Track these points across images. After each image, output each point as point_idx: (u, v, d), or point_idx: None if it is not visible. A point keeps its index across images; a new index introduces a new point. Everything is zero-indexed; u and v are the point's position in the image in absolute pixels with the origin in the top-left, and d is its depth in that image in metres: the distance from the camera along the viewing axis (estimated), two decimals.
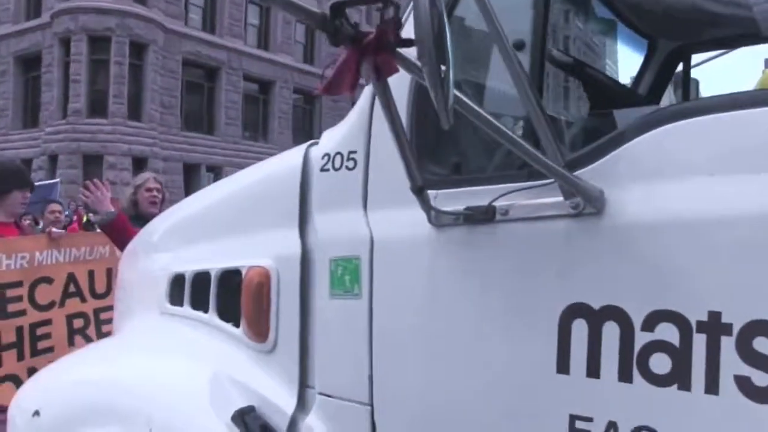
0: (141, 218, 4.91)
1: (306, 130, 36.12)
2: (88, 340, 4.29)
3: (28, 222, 9.83)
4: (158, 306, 2.26)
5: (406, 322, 1.62)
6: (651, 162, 1.40)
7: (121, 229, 3.93)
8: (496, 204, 1.51)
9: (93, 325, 4.36)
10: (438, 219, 1.56)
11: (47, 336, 4.11)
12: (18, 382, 3.87)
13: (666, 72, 3.16)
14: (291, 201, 1.85)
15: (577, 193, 1.41)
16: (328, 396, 1.73)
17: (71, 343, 4.22)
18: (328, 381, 1.75)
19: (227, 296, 1.99)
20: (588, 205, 1.41)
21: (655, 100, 3.19)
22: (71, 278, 4.29)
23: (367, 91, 1.74)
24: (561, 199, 1.45)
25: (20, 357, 3.96)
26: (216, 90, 31.65)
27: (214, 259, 2.04)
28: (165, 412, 1.82)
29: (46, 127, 28.40)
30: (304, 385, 1.80)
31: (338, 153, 1.77)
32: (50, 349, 4.10)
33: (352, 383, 1.69)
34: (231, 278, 1.97)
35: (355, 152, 1.73)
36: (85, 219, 15.47)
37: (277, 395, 1.80)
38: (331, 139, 1.84)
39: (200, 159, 30.38)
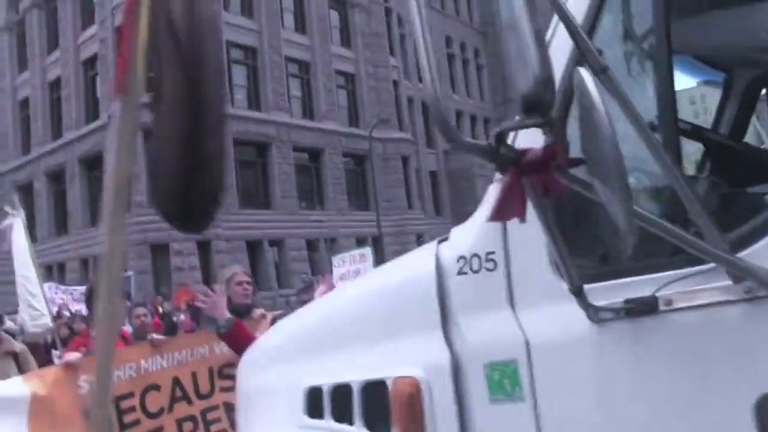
0: (235, 312, 4.98)
1: (360, 192, 36.53)
2: None
3: None
4: (293, 420, 2.24)
5: (577, 424, 1.56)
6: None
7: (240, 334, 3.97)
8: (658, 294, 1.46)
9: (202, 426, 4.39)
10: (597, 315, 1.51)
11: None
12: None
13: (748, 102, 3.09)
14: (429, 307, 1.82)
15: (748, 277, 1.36)
16: None
17: None
18: None
19: (373, 408, 1.96)
20: (761, 287, 1.35)
21: (741, 133, 3.11)
22: (176, 382, 4.34)
23: (492, 191, 1.73)
24: (729, 283, 1.39)
25: None
26: (268, 165, 32.39)
27: (350, 370, 2.02)
28: None
29: None
30: None
31: (474, 255, 1.75)
32: None
33: None
34: (375, 389, 1.94)
35: (492, 253, 1.71)
36: (161, 310, 15.85)
37: None
38: (464, 241, 1.82)
39: (261, 235, 30.90)
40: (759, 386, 1.34)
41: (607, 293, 1.54)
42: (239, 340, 3.87)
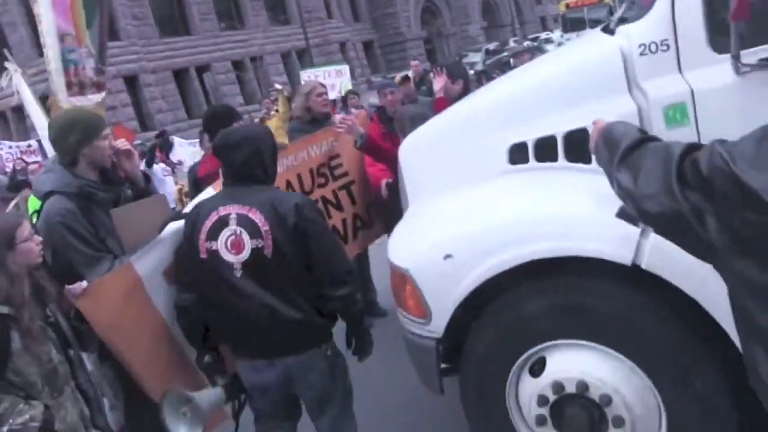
0: (316, 121, 5.98)
1: (279, 7, 35.75)
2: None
3: None
4: (494, 170, 3.32)
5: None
6: None
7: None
8: None
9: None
10: (740, 69, 2.63)
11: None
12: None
13: None
14: (617, 78, 2.91)
15: None
16: None
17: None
18: None
19: (571, 147, 3.08)
20: None
21: None
22: (288, 184, 5.28)
23: None
24: None
25: (353, 202, 5.39)
26: None
27: (551, 128, 3.11)
28: (569, 219, 2.93)
29: (27, 69, 28.18)
30: None
31: (653, 42, 2.82)
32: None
33: None
34: (575, 136, 3.04)
35: (666, 39, 2.78)
36: None
37: None
38: (640, 32, 2.87)
39: (186, 62, 30.45)
40: None
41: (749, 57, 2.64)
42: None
